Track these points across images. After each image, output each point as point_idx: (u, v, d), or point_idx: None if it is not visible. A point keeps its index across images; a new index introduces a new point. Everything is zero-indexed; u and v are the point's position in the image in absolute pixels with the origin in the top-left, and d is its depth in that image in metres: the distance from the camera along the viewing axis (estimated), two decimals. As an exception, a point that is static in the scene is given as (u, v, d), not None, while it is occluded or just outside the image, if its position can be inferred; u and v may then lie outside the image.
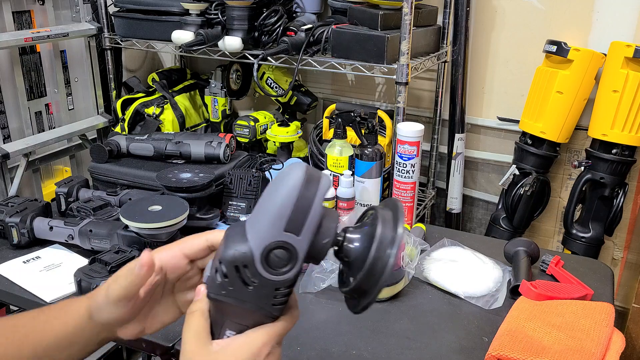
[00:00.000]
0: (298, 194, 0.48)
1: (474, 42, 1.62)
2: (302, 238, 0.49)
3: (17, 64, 1.55)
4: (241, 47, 1.45)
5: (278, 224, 0.49)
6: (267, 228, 0.49)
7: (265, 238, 0.49)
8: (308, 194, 0.49)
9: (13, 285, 1.06)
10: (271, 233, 0.49)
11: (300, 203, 0.48)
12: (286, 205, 0.48)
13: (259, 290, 0.50)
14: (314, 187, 0.49)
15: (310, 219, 0.49)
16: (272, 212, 0.49)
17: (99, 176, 1.40)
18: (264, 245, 0.49)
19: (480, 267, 1.11)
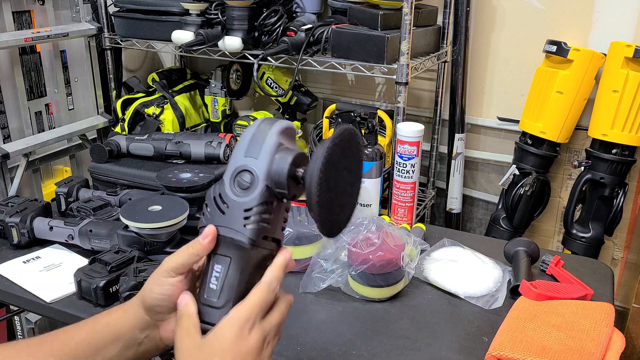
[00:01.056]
0: (255, 128, 0.61)
1: (474, 42, 1.62)
2: (260, 160, 0.60)
3: (17, 64, 1.55)
4: (241, 47, 1.45)
5: (241, 153, 0.61)
6: (233, 159, 0.61)
7: (232, 165, 0.61)
8: (264, 127, 0.61)
9: (13, 285, 1.06)
10: (236, 161, 0.61)
11: (256, 134, 0.61)
12: (246, 137, 0.61)
13: (231, 213, 0.60)
14: (269, 124, 0.62)
15: (265, 145, 0.60)
16: (238, 146, 0.62)
17: (99, 176, 1.40)
18: (231, 171, 0.61)
19: (480, 267, 1.11)
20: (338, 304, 1.03)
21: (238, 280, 0.61)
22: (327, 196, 0.59)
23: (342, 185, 0.62)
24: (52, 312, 1.01)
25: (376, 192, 1.33)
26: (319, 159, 0.57)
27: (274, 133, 0.60)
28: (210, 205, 0.62)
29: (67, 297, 1.02)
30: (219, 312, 0.61)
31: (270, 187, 0.60)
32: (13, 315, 1.59)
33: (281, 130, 0.61)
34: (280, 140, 0.61)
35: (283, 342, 0.92)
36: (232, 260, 0.61)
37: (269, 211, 0.60)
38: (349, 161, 0.63)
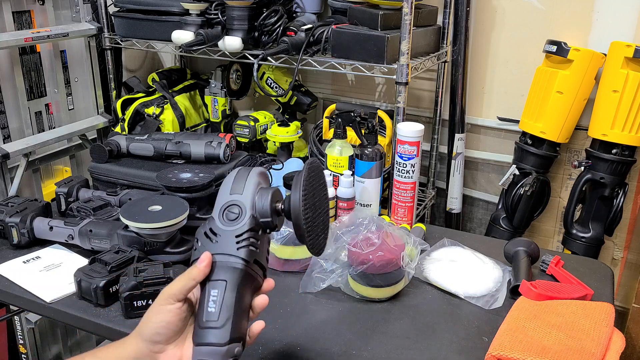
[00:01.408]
0: (236, 172, 0.73)
1: (474, 42, 1.62)
2: (245, 195, 0.71)
3: (17, 64, 1.55)
4: (241, 47, 1.45)
5: (226, 192, 0.72)
6: (219, 198, 0.72)
7: (220, 203, 0.72)
8: (243, 171, 0.73)
9: (13, 285, 1.06)
10: (223, 198, 0.72)
11: (238, 176, 0.73)
12: (229, 180, 0.73)
13: (223, 241, 0.69)
14: (247, 169, 0.74)
15: (247, 182, 0.72)
16: (221, 189, 0.73)
17: (99, 176, 1.40)
18: (219, 207, 0.71)
19: (480, 267, 1.11)
20: (338, 304, 1.03)
21: (235, 300, 0.67)
22: (311, 220, 0.72)
23: (318, 208, 0.75)
24: (52, 312, 1.01)
25: (376, 192, 1.33)
26: (298, 191, 0.70)
27: (254, 174, 0.73)
28: (201, 240, 0.71)
29: (67, 297, 1.03)
30: (220, 331, 0.65)
31: (256, 217, 0.70)
32: (13, 315, 1.59)
33: (259, 173, 0.73)
34: (259, 179, 0.73)
35: (283, 342, 0.92)
36: (228, 283, 0.67)
37: (256, 237, 0.70)
38: (318, 187, 0.76)
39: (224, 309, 0.66)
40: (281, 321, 0.98)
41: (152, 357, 0.67)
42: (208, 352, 0.65)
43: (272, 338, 0.93)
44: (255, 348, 0.90)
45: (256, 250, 0.70)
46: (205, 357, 0.65)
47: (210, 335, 0.65)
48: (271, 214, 0.70)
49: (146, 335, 0.67)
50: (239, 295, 0.67)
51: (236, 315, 0.67)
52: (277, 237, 1.10)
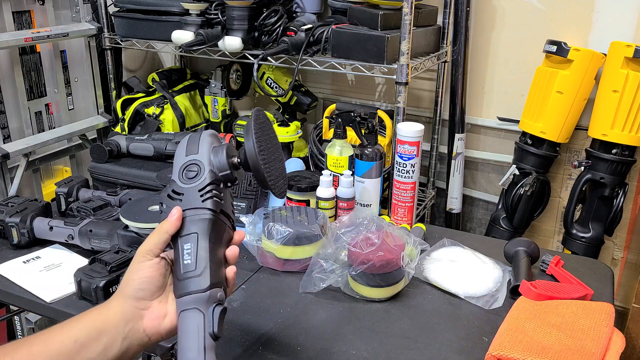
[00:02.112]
0: (188, 137, 0.76)
1: (474, 42, 1.62)
2: (200, 153, 0.73)
3: (17, 64, 1.55)
4: (241, 47, 1.45)
5: (182, 154, 0.74)
6: (176, 160, 0.74)
7: (177, 165, 0.74)
8: (194, 135, 0.76)
9: (13, 285, 1.06)
10: (180, 160, 0.74)
11: (190, 139, 0.75)
12: (183, 144, 0.75)
13: (188, 197, 0.71)
14: (198, 133, 0.76)
15: (201, 142, 0.74)
16: (177, 153, 0.75)
17: (99, 176, 1.40)
18: (178, 169, 0.73)
19: (480, 267, 1.11)
20: (338, 304, 1.03)
21: (209, 248, 0.69)
22: (268, 165, 0.76)
23: (272, 154, 0.79)
24: (52, 312, 1.01)
25: (376, 192, 1.33)
26: (251, 139, 0.74)
27: (206, 135, 0.75)
28: (166, 202, 0.73)
29: (67, 297, 1.03)
30: (199, 278, 0.67)
31: (214, 172, 0.72)
32: (13, 315, 1.59)
33: (210, 134, 0.76)
34: (211, 139, 0.75)
35: (283, 342, 0.92)
36: (199, 234, 0.69)
37: (218, 190, 0.72)
38: (268, 134, 0.79)
39: (200, 258, 0.68)
40: (281, 321, 0.98)
41: (138, 314, 0.67)
42: (191, 300, 0.66)
43: (272, 338, 0.93)
44: (255, 348, 0.90)
45: (220, 201, 0.72)
46: (189, 305, 0.66)
47: (190, 284, 0.66)
48: (229, 167, 0.73)
49: (129, 293, 0.68)
50: (212, 244, 0.69)
51: (212, 262, 0.68)
52: (277, 237, 1.10)
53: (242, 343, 0.91)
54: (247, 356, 0.89)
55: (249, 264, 1.15)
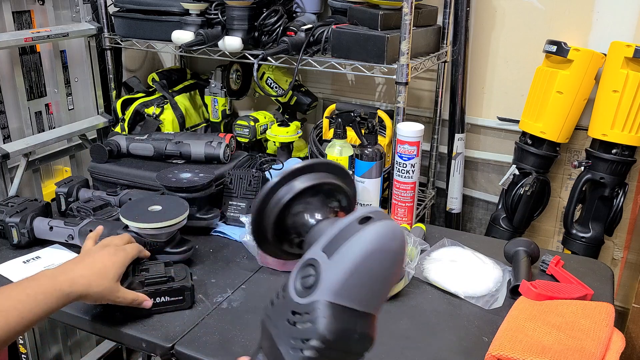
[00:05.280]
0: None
1: (474, 42, 1.62)
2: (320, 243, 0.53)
3: (17, 64, 1.55)
4: (241, 47, 1.45)
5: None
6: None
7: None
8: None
9: (13, 285, 1.06)
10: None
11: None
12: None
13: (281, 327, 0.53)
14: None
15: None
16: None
17: (99, 176, 1.40)
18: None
19: (480, 267, 1.11)
20: (338, 304, 1.03)
21: None
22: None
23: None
24: (52, 312, 1.01)
25: (376, 192, 1.33)
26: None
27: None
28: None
29: (67, 297, 1.02)
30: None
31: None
32: (13, 315, 1.59)
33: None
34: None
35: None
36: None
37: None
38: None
39: None
40: (281, 321, 0.97)
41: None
42: None
43: (272, 338, 0.93)
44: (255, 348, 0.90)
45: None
46: None
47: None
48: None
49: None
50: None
51: None
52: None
53: (242, 343, 0.91)
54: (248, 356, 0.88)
55: (249, 263, 1.15)
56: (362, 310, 0.50)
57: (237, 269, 1.14)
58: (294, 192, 0.57)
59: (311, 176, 0.58)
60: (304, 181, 0.58)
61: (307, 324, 0.49)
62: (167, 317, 0.97)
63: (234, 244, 1.23)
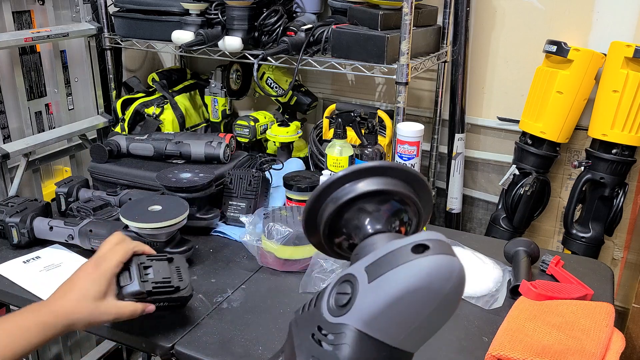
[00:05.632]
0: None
1: (474, 42, 1.62)
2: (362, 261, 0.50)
3: (17, 64, 1.55)
4: (241, 47, 1.45)
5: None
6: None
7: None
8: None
9: (13, 285, 1.06)
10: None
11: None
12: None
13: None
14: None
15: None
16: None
17: (99, 176, 1.40)
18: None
19: (480, 267, 1.11)
20: (338, 304, 1.03)
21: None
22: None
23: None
24: (52, 312, 1.01)
25: (376, 192, 1.33)
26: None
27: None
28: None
29: (67, 297, 1.02)
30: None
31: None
32: (13, 315, 1.59)
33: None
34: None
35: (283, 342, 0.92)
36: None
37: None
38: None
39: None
40: (281, 321, 0.98)
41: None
42: None
43: (272, 338, 0.93)
44: (255, 348, 0.90)
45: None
46: None
47: None
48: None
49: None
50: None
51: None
52: (277, 237, 1.10)
53: (242, 343, 0.91)
54: (248, 356, 0.89)
55: (249, 264, 1.15)
56: (394, 346, 0.44)
57: (237, 269, 1.14)
58: (362, 190, 0.51)
59: (387, 181, 0.52)
60: (378, 183, 0.52)
61: (331, 346, 0.44)
62: (167, 317, 0.97)
63: (234, 244, 1.23)
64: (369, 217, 0.52)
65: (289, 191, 1.30)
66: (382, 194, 0.52)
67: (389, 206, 0.53)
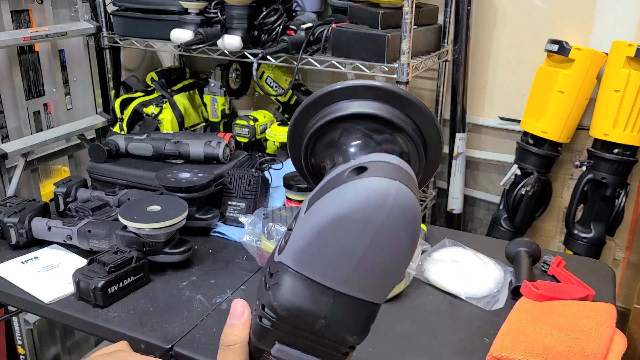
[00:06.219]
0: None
1: (475, 41, 1.61)
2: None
3: (15, 63, 1.54)
4: (241, 46, 1.44)
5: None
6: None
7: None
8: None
9: (11, 285, 1.05)
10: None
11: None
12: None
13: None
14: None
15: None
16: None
17: (97, 176, 1.39)
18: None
19: (481, 267, 1.11)
20: (338, 305, 1.03)
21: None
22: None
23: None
24: (50, 312, 1.00)
25: (376, 192, 1.32)
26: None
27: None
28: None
29: (66, 298, 1.02)
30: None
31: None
32: (11, 316, 1.58)
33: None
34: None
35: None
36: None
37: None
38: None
39: None
40: (281, 322, 0.97)
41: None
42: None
43: (272, 339, 0.92)
44: (254, 349, 0.90)
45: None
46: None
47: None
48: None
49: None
50: None
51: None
52: (276, 238, 1.10)
53: (242, 344, 0.91)
54: (247, 358, 0.88)
55: (248, 264, 1.15)
56: (337, 289, 0.38)
57: (237, 269, 1.13)
58: (354, 110, 0.43)
59: (386, 108, 0.43)
60: (373, 107, 0.43)
61: (269, 288, 0.39)
62: (166, 318, 0.96)
63: (234, 244, 1.22)
64: (355, 144, 0.44)
65: (289, 191, 1.30)
66: (379, 121, 0.43)
67: (383, 140, 0.44)
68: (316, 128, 0.44)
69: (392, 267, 0.38)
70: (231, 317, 0.47)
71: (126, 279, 1.01)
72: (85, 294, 0.99)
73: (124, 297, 1.01)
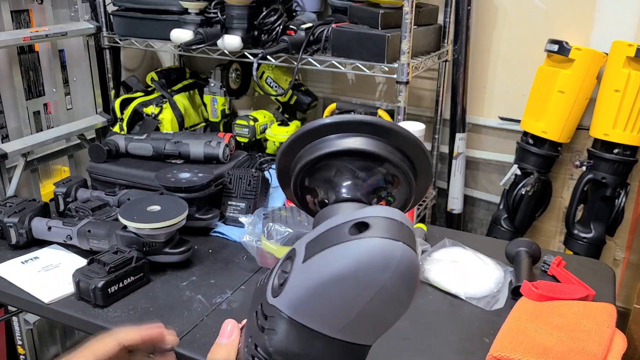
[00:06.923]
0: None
1: (475, 41, 1.61)
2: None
3: (15, 63, 1.54)
4: (241, 46, 1.44)
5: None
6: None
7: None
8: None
9: (11, 285, 1.05)
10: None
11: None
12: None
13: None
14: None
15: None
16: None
17: (97, 176, 1.39)
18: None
19: (481, 267, 1.11)
20: (338, 305, 1.03)
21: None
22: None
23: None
24: (50, 312, 1.00)
25: (376, 192, 1.32)
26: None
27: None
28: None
29: (66, 298, 1.02)
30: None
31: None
32: (11, 316, 1.58)
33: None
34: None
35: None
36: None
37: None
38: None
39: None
40: (281, 322, 0.97)
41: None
42: None
43: (272, 339, 0.92)
44: (254, 349, 0.90)
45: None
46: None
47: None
48: None
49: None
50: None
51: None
52: (276, 238, 1.09)
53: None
54: (247, 358, 0.88)
55: (248, 264, 1.15)
56: (332, 336, 0.38)
57: (237, 269, 1.13)
58: (341, 147, 0.43)
59: (378, 144, 0.43)
60: (367, 144, 0.43)
61: (264, 330, 0.40)
62: (166, 318, 0.96)
63: (233, 244, 1.22)
64: (344, 180, 0.44)
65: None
66: (368, 157, 0.43)
67: (371, 173, 0.44)
68: (306, 162, 0.44)
69: (389, 318, 0.39)
70: (220, 336, 0.49)
71: (126, 279, 1.01)
72: (85, 294, 0.99)
73: (124, 297, 1.01)
